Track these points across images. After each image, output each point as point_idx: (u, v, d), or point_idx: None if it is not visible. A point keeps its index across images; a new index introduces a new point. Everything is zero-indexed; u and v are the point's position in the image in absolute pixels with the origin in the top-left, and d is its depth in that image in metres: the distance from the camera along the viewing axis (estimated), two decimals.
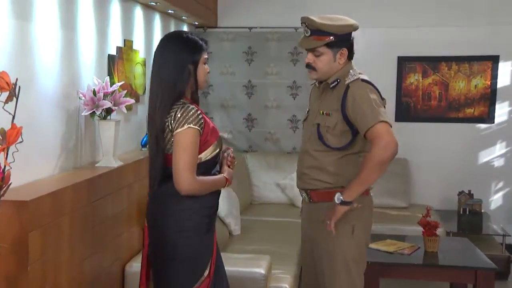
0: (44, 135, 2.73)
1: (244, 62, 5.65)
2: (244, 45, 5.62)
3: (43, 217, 2.33)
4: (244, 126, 5.71)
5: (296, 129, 5.68)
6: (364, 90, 2.56)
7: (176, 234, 2.32)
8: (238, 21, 5.63)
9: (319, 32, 2.58)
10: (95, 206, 2.80)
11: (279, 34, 5.62)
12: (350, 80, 2.60)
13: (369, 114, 2.50)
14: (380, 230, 4.63)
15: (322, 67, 2.62)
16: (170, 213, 2.34)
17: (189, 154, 2.27)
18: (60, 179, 2.71)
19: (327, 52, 2.60)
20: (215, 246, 2.45)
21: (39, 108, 2.68)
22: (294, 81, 5.64)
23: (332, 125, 2.60)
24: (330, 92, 2.65)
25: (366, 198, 2.69)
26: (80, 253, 2.67)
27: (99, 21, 3.31)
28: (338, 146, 2.63)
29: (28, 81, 2.56)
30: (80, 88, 3.05)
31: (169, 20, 4.73)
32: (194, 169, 2.28)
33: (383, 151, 2.45)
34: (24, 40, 2.53)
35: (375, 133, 2.47)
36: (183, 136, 2.28)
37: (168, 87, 2.36)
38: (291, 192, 5.27)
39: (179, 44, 2.40)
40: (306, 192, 2.71)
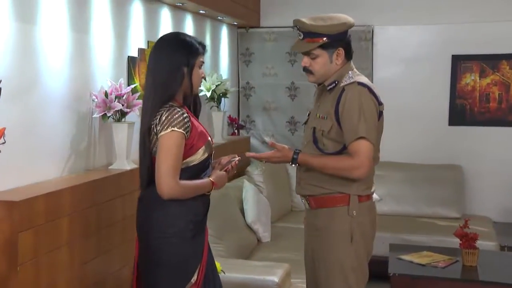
0: (50, 137, 2.84)
1: (287, 63, 5.64)
2: (287, 45, 5.57)
3: (36, 218, 2.43)
4: (287, 129, 5.69)
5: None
6: (355, 97, 2.52)
7: (159, 239, 2.34)
8: (281, 21, 5.63)
9: (311, 34, 2.56)
10: (101, 209, 2.89)
11: None
12: (346, 82, 2.57)
13: (353, 126, 2.49)
14: (423, 242, 4.48)
15: (319, 70, 2.61)
16: (153, 218, 2.36)
17: (172, 158, 2.28)
18: (64, 181, 2.81)
19: (322, 54, 2.59)
20: (205, 253, 2.44)
21: (45, 110, 2.79)
22: None
23: (327, 129, 2.57)
24: (328, 94, 2.63)
25: (363, 205, 2.62)
26: (82, 255, 2.76)
27: (117, 23, 3.41)
28: (332, 151, 2.59)
29: (31, 83, 2.68)
30: (94, 90, 3.16)
31: (204, 20, 4.80)
32: (176, 173, 2.29)
33: (355, 169, 2.49)
34: (27, 42, 2.65)
35: (353, 149, 2.49)
36: (166, 139, 2.29)
37: (160, 88, 2.39)
38: None
39: (173, 46, 2.43)
40: (305, 198, 2.69)
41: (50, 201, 2.53)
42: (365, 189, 2.63)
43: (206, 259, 2.44)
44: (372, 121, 2.53)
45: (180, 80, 2.40)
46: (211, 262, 2.51)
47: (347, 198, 2.58)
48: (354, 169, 2.50)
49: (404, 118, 5.49)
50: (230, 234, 3.81)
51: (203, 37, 4.85)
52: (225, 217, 3.90)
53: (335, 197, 2.57)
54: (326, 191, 2.60)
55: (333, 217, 2.60)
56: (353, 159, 2.49)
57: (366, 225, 2.64)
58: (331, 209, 2.60)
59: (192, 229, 2.37)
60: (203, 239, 2.45)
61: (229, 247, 3.70)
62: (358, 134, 2.48)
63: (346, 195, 2.58)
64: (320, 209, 2.63)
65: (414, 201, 5.19)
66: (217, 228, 3.69)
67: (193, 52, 2.43)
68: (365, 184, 2.63)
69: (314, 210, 2.66)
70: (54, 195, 2.56)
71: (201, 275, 2.39)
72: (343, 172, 2.53)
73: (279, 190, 5.06)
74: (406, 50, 5.51)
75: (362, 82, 2.58)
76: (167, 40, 2.48)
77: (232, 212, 4.06)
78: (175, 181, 2.28)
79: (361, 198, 2.61)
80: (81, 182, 2.80)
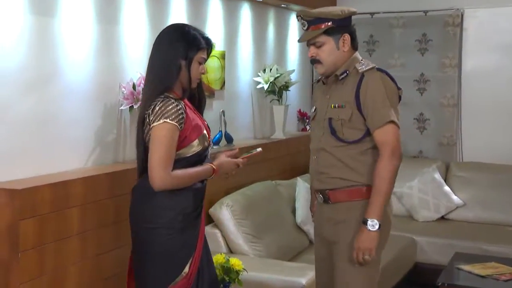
0: (72, 128, 3.04)
1: (364, 52, 5.53)
2: (364, 34, 5.51)
3: (40, 207, 2.63)
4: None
5: (423, 130, 5.41)
6: (378, 82, 2.61)
7: (148, 230, 2.46)
8: (358, 7, 5.48)
9: (316, 20, 2.64)
10: (120, 201, 3.04)
11: (405, 19, 5.41)
12: (364, 68, 2.64)
13: (379, 112, 2.57)
14: (506, 253, 4.21)
15: (326, 58, 2.66)
16: (142, 209, 2.49)
17: (163, 149, 2.38)
18: (81, 172, 3.01)
19: (328, 41, 2.65)
20: (198, 246, 2.51)
21: (66, 101, 3.00)
22: (422, 74, 5.38)
23: (347, 117, 2.62)
24: (340, 84, 2.68)
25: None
26: (96, 247, 2.94)
27: (153, 14, 3.57)
28: (354, 139, 2.64)
29: (48, 74, 2.90)
30: (124, 83, 3.34)
31: (264, 8, 4.85)
32: (168, 165, 2.38)
33: (392, 160, 2.57)
34: (44, 34, 2.86)
35: (382, 136, 2.57)
36: (158, 131, 2.39)
37: (156, 79, 2.51)
38: (409, 202, 5.03)
39: (175, 37, 2.51)
40: (323, 192, 2.71)
41: (57, 190, 2.72)
42: None
43: (199, 253, 2.51)
44: (396, 106, 2.63)
45: (176, 73, 2.48)
46: (206, 257, 2.58)
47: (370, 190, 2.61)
48: (391, 161, 2.55)
49: (495, 113, 5.19)
50: (272, 233, 3.84)
51: (265, 27, 4.91)
52: (270, 216, 3.93)
53: (359, 189, 2.63)
54: (350, 184, 2.64)
55: (356, 209, 2.62)
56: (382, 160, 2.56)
57: (386, 219, 2.65)
58: (353, 203, 2.63)
59: (181, 221, 2.46)
60: (196, 232, 2.53)
61: (269, 247, 3.73)
62: (386, 118, 2.56)
63: (370, 187, 2.61)
64: (340, 203, 2.66)
65: (503, 207, 4.88)
66: (256, 226, 3.74)
67: (194, 46, 2.49)
68: None
69: (332, 204, 2.69)
70: (63, 184, 2.76)
71: (193, 268, 2.47)
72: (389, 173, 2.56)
73: None
74: (502, 36, 5.20)
75: (381, 68, 2.68)
76: (169, 31, 2.57)
77: (280, 211, 4.08)
78: (166, 172, 2.37)
79: None
80: (98, 173, 2.99)
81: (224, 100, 4.33)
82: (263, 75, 4.62)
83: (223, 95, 4.33)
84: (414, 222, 4.94)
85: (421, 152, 5.42)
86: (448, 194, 4.99)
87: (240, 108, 4.58)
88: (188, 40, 2.50)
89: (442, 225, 4.87)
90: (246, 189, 3.99)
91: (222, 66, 4.27)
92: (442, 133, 5.36)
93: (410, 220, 4.98)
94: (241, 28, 4.54)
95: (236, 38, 4.49)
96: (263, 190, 4.07)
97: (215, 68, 4.19)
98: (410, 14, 5.38)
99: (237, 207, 3.69)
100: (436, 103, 5.36)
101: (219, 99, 4.27)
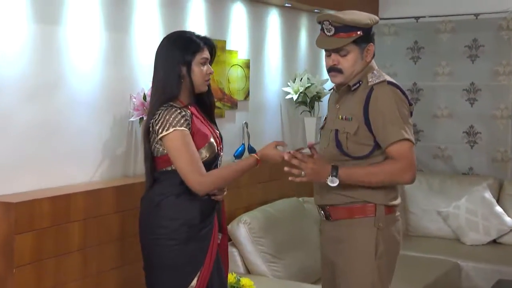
0: (77, 139, 3.16)
1: (408, 60, 5.53)
2: (409, 40, 5.51)
3: (38, 221, 2.75)
4: None
5: (474, 144, 5.34)
6: (389, 97, 2.63)
7: (152, 241, 2.64)
8: (402, 11, 5.54)
9: (346, 28, 2.65)
10: (127, 216, 3.15)
11: (454, 24, 5.37)
12: (374, 81, 2.66)
13: (392, 127, 2.59)
14: None
15: (349, 68, 2.69)
16: (148, 220, 2.67)
17: (186, 155, 2.55)
18: (85, 185, 3.13)
19: (354, 50, 2.68)
20: (207, 259, 2.64)
21: (71, 111, 3.12)
22: (472, 83, 5.33)
23: (353, 131, 2.66)
24: (351, 95, 2.72)
25: (389, 217, 2.68)
26: (99, 264, 3.04)
27: (168, 21, 3.67)
28: (359, 155, 2.66)
29: (52, 83, 3.03)
30: (134, 93, 3.46)
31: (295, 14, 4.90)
32: (199, 167, 2.56)
33: (405, 172, 2.60)
34: (48, 43, 3.00)
35: (398, 152, 2.59)
36: (172, 141, 2.57)
37: (158, 88, 2.70)
38: (455, 223, 4.97)
39: (170, 45, 2.71)
40: (324, 208, 2.75)
41: (57, 204, 2.85)
42: (393, 199, 2.70)
43: (209, 268, 2.63)
44: (409, 122, 2.66)
45: (176, 80, 2.65)
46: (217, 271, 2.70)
47: (373, 208, 2.65)
48: (403, 172, 2.60)
49: None
50: (294, 254, 3.87)
51: (296, 33, 4.97)
52: (292, 235, 3.97)
53: (360, 206, 2.66)
54: (350, 200, 2.66)
55: (357, 228, 2.67)
56: (400, 162, 2.59)
57: (392, 240, 2.69)
58: (354, 220, 2.67)
59: (186, 232, 2.60)
60: (205, 246, 2.65)
61: (289, 268, 3.78)
62: (400, 136, 2.58)
63: (372, 204, 2.65)
64: (342, 220, 2.70)
65: None
66: (276, 245, 3.79)
67: (190, 49, 2.65)
68: (393, 193, 2.70)
69: (333, 221, 2.73)
70: (63, 198, 2.88)
71: (201, 282, 2.60)
72: (393, 177, 2.62)
73: None
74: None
75: (392, 81, 2.70)
76: (163, 41, 2.78)
77: (304, 230, 4.11)
78: (200, 175, 2.55)
79: (388, 209, 2.67)
80: (103, 187, 3.11)
81: (248, 112, 4.41)
82: (292, 85, 4.68)
83: (247, 106, 4.41)
84: (460, 246, 4.88)
85: (471, 169, 5.34)
86: (500, 215, 4.90)
87: (267, 120, 4.64)
88: (182, 45, 2.67)
89: (493, 250, 4.79)
90: (268, 206, 4.04)
91: (246, 75, 4.35)
92: (495, 148, 5.27)
93: (456, 243, 4.93)
94: (268, 35, 4.61)
95: (263, 45, 4.57)
96: (287, 207, 4.12)
97: (238, 78, 4.27)
98: (459, 18, 5.33)
99: (255, 225, 3.74)
100: (488, 114, 5.28)
101: (243, 110, 4.35)
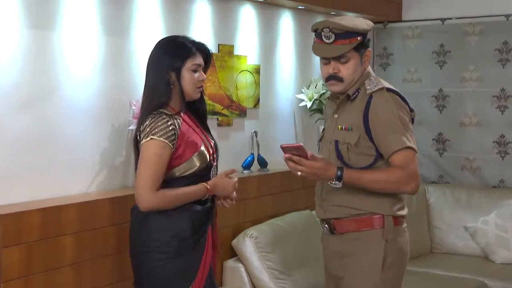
0: (73, 149, 3.22)
1: (434, 65, 5.49)
2: (434, 43, 5.47)
3: (28, 233, 2.81)
4: (433, 149, 5.52)
5: (505, 154, 5.28)
6: (389, 104, 2.67)
7: (141, 254, 2.68)
8: (427, 12, 5.52)
9: (346, 34, 2.69)
10: (123, 229, 3.18)
11: (483, 26, 5.32)
12: (372, 89, 2.70)
13: (393, 135, 2.63)
14: None
15: (350, 75, 2.73)
16: (137, 232, 2.72)
17: (149, 168, 2.59)
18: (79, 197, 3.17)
19: (355, 57, 2.73)
20: (199, 273, 2.68)
21: (66, 120, 3.18)
22: (503, 89, 5.27)
23: (354, 142, 2.70)
24: (349, 104, 2.75)
25: (397, 229, 2.72)
26: (94, 279, 3.09)
27: (172, 25, 3.72)
28: (361, 166, 2.70)
29: (46, 91, 3.09)
30: (134, 100, 3.51)
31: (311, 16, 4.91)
32: (154, 184, 2.59)
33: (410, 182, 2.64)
34: (42, 49, 3.07)
35: (402, 161, 2.63)
36: (146, 148, 2.62)
37: (148, 96, 2.76)
38: (484, 240, 4.91)
39: (160, 52, 2.77)
40: (328, 222, 2.78)
41: (48, 216, 2.90)
42: (400, 209, 2.74)
43: (201, 281, 2.68)
44: (411, 129, 2.71)
45: (165, 87, 2.71)
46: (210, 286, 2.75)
47: (382, 220, 2.69)
48: (408, 182, 2.64)
49: None
50: (304, 270, 3.87)
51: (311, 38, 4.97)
52: (302, 250, 3.96)
53: (367, 218, 2.70)
54: (356, 212, 2.70)
55: (365, 241, 2.70)
56: (404, 171, 2.62)
57: (400, 252, 2.72)
58: (361, 233, 2.70)
59: (176, 245, 2.64)
60: (197, 259, 2.69)
61: (299, 284, 3.79)
62: (402, 144, 2.63)
63: (380, 216, 2.69)
64: (347, 233, 2.73)
65: None
66: (284, 261, 3.80)
67: (178, 56, 2.71)
68: (400, 203, 2.74)
69: (338, 235, 2.75)
70: (54, 210, 2.93)
71: None
72: (396, 186, 2.66)
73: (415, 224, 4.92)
74: None
75: (391, 88, 2.73)
76: (157, 45, 2.84)
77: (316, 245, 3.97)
78: (151, 192, 2.58)
79: (396, 220, 2.71)
80: (98, 198, 3.16)
81: (258, 120, 4.44)
82: (307, 92, 4.70)
83: (257, 114, 4.44)
84: (489, 264, 4.82)
85: (502, 181, 5.27)
86: None
87: (279, 129, 4.66)
88: (171, 51, 2.73)
89: None
90: (277, 219, 4.06)
91: (256, 82, 4.38)
92: None
93: (485, 261, 4.86)
94: (280, 39, 4.64)
95: (275, 50, 4.60)
96: (297, 221, 4.13)
97: (247, 84, 4.30)
98: (489, 19, 5.28)
99: (262, 239, 3.76)
100: None
101: (252, 118, 4.38)
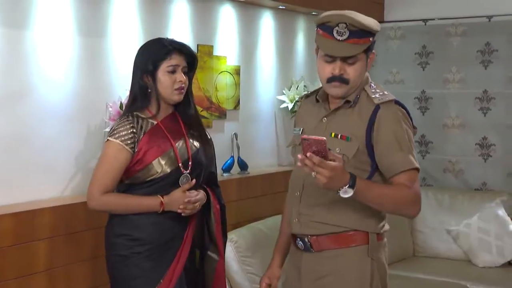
0: (47, 152, 3.19)
1: (416, 66, 5.52)
2: (416, 44, 5.50)
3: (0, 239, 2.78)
4: (416, 151, 5.52)
5: (488, 157, 5.31)
6: (398, 119, 2.51)
7: (107, 257, 2.76)
8: (409, 13, 5.55)
9: (361, 33, 2.49)
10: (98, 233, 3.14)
11: (465, 27, 5.35)
12: (380, 99, 2.53)
13: (401, 154, 2.48)
14: None
15: (356, 78, 2.54)
16: (106, 234, 2.78)
17: (100, 168, 2.69)
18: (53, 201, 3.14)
19: (363, 58, 2.54)
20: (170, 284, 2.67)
21: (39, 122, 3.15)
22: (485, 91, 5.30)
23: (351, 154, 2.50)
24: (347, 110, 2.57)
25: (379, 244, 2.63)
26: (66, 285, 3.05)
27: (149, 25, 3.70)
28: None
29: (20, 93, 3.07)
30: (111, 101, 3.48)
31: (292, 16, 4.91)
32: (101, 184, 2.66)
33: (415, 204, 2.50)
34: (14, 49, 3.04)
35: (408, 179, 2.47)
36: (103, 149, 2.72)
37: (129, 99, 2.81)
38: (466, 243, 4.92)
39: (139, 53, 2.82)
40: (303, 239, 2.62)
41: (20, 221, 2.87)
42: (383, 226, 2.64)
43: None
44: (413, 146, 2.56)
45: (142, 92, 2.74)
46: None
47: (366, 237, 2.56)
48: (414, 203, 2.50)
49: None
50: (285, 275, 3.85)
51: (293, 38, 4.98)
52: None
53: (349, 235, 2.54)
54: (337, 230, 2.55)
55: (347, 259, 2.56)
56: (410, 191, 2.47)
57: (383, 268, 2.63)
58: (343, 250, 2.55)
59: (138, 253, 2.67)
60: (164, 269, 2.69)
61: None
62: (411, 164, 2.48)
63: (364, 233, 2.55)
64: (327, 251, 2.57)
65: None
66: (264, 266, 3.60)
67: (153, 57, 2.72)
68: (383, 220, 2.63)
69: (315, 253, 2.60)
70: (27, 214, 2.90)
71: None
72: (403, 206, 2.50)
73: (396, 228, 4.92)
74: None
75: (399, 101, 2.57)
76: (141, 46, 2.87)
77: None
78: (98, 193, 2.66)
79: (379, 236, 2.61)
80: (73, 202, 3.12)
81: (238, 122, 4.42)
82: (288, 93, 4.68)
83: (237, 116, 4.42)
84: (471, 268, 4.82)
85: (485, 184, 5.30)
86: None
87: (259, 131, 4.65)
88: (146, 54, 2.76)
89: (506, 273, 4.72)
90: (258, 223, 4.03)
91: (236, 83, 4.36)
92: (511, 161, 5.23)
93: (467, 265, 4.86)
94: (261, 39, 4.63)
95: (255, 50, 4.59)
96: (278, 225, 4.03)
97: (227, 86, 4.29)
98: (471, 21, 5.31)
99: (242, 243, 3.73)
100: (502, 125, 5.24)
101: (232, 120, 4.36)
